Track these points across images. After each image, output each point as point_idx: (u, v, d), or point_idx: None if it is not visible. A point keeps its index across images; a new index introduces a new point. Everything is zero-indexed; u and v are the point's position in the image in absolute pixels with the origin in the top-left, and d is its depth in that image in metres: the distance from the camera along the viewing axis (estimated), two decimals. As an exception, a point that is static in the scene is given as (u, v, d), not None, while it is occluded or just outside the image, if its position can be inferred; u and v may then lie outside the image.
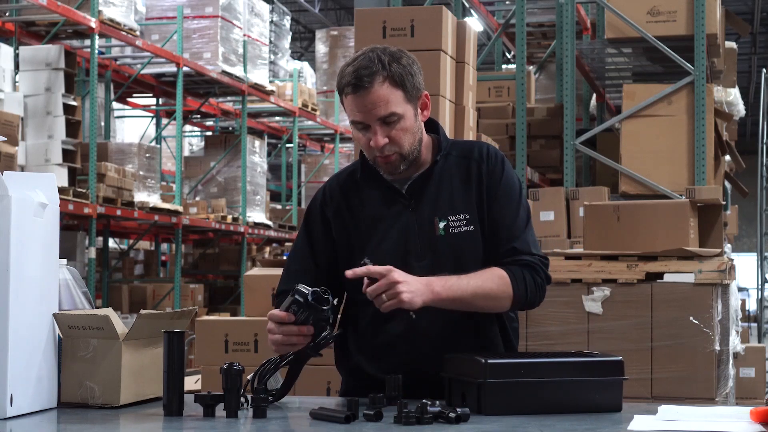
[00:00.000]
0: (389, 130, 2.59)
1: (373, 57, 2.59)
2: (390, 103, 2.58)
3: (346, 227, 2.72)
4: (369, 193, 2.72)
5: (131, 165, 11.51)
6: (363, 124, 2.61)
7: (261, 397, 2.34)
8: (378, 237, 2.68)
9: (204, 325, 4.93)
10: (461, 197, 2.69)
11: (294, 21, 22.76)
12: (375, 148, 2.60)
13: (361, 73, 2.56)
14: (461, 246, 2.66)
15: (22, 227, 2.34)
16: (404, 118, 2.60)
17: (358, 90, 2.57)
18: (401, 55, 2.62)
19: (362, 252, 2.69)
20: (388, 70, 2.57)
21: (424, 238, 2.66)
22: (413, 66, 2.63)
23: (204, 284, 14.25)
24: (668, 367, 4.74)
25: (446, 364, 2.51)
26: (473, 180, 2.70)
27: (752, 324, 17.49)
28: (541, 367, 2.41)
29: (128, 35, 11.25)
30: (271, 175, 18.43)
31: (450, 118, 5.40)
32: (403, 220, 2.68)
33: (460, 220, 2.67)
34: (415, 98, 2.63)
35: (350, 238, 2.72)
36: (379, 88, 2.57)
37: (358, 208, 2.72)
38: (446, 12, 5.33)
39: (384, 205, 2.70)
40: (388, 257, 2.64)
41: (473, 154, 2.73)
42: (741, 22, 8.79)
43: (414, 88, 2.62)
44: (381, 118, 2.58)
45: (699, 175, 6.89)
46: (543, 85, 10.40)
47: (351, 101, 2.60)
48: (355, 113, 2.61)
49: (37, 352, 2.41)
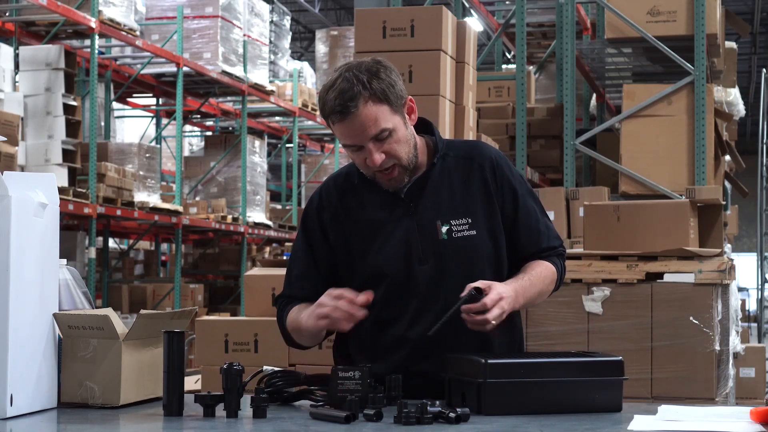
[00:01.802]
0: (383, 145, 2.58)
1: (351, 78, 2.55)
2: (379, 120, 2.56)
3: (343, 231, 2.71)
4: (367, 196, 2.70)
5: (131, 165, 11.51)
6: (356, 146, 2.59)
7: (261, 397, 2.34)
8: (379, 241, 2.67)
9: (204, 325, 4.93)
10: (463, 201, 2.68)
11: (294, 21, 22.76)
12: (373, 166, 2.59)
13: (344, 98, 2.54)
14: (465, 250, 2.66)
15: (22, 227, 2.34)
16: (395, 130, 2.59)
17: (345, 117, 2.55)
18: (378, 68, 2.59)
19: (362, 256, 2.68)
20: (369, 89, 2.55)
21: (426, 241, 2.66)
22: (391, 75, 2.60)
23: (204, 284, 14.25)
24: (668, 367, 4.74)
25: (446, 364, 2.51)
26: (475, 183, 2.70)
27: (752, 324, 17.49)
28: (541, 367, 2.41)
29: (128, 35, 11.25)
30: (271, 175, 18.43)
31: (450, 118, 5.40)
32: (404, 224, 2.67)
33: (462, 224, 2.67)
34: (401, 107, 2.62)
35: (349, 243, 2.70)
36: (365, 109, 2.54)
37: (357, 212, 2.71)
38: (446, 12, 5.33)
39: (383, 209, 2.69)
40: (391, 262, 2.64)
41: (473, 156, 2.72)
42: (741, 22, 8.79)
43: (397, 98, 2.60)
44: (373, 137, 2.57)
45: (699, 175, 6.89)
46: (543, 85, 10.40)
47: (340, 128, 2.58)
48: (346, 138, 2.59)
49: (37, 352, 2.41)
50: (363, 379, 2.37)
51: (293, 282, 2.78)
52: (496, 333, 2.63)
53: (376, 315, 2.61)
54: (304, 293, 2.74)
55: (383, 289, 2.65)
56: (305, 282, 2.74)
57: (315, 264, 2.75)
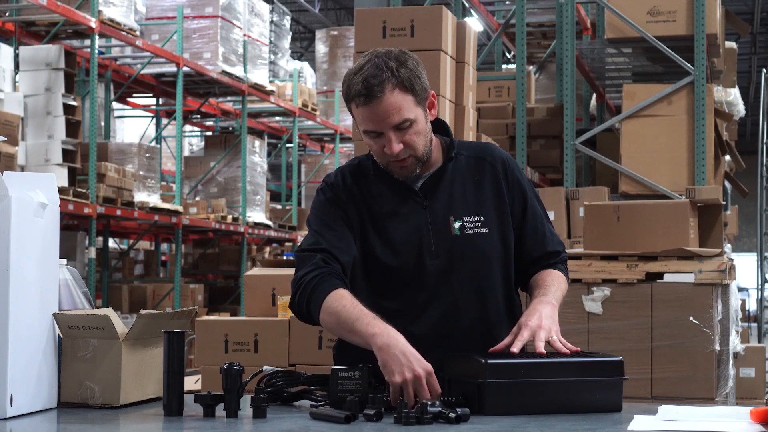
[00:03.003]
0: (403, 135, 2.58)
1: (380, 64, 2.55)
2: (402, 109, 2.56)
3: (358, 213, 2.67)
4: (381, 188, 2.69)
5: (131, 165, 11.51)
6: (376, 132, 2.58)
7: (261, 397, 2.33)
8: (390, 232, 2.66)
9: (204, 325, 4.93)
10: (475, 198, 2.69)
11: (294, 21, 22.77)
12: (390, 154, 2.59)
13: (371, 83, 2.53)
14: (476, 247, 2.66)
15: (22, 227, 2.34)
16: (416, 122, 2.59)
17: (369, 100, 2.54)
18: (406, 58, 2.60)
19: (373, 245, 2.66)
20: (397, 77, 2.55)
21: (438, 236, 2.66)
22: (419, 67, 2.62)
23: (204, 284, 14.25)
24: (668, 367, 4.74)
25: (446, 364, 2.51)
26: (487, 182, 2.71)
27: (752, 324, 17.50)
28: (541, 367, 2.41)
29: (128, 35, 11.25)
30: (271, 175, 18.44)
31: (450, 118, 5.40)
32: (417, 218, 2.67)
33: (475, 222, 2.67)
34: (424, 100, 2.62)
35: (361, 227, 2.67)
36: (390, 95, 2.54)
37: (370, 200, 2.68)
38: (446, 12, 5.33)
39: (397, 200, 2.68)
40: (401, 253, 2.64)
41: (486, 157, 2.74)
42: (741, 22, 8.78)
43: (422, 90, 2.61)
44: (395, 126, 2.56)
45: (699, 175, 6.89)
46: (543, 85, 10.40)
47: (362, 112, 2.57)
48: (367, 123, 2.58)
49: (37, 352, 2.41)
50: (363, 379, 2.37)
51: (326, 236, 2.61)
52: (501, 332, 2.63)
53: (380, 306, 2.58)
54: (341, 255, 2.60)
55: (391, 280, 2.65)
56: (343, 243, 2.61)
57: (351, 232, 2.65)
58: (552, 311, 2.59)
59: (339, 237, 2.63)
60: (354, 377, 2.37)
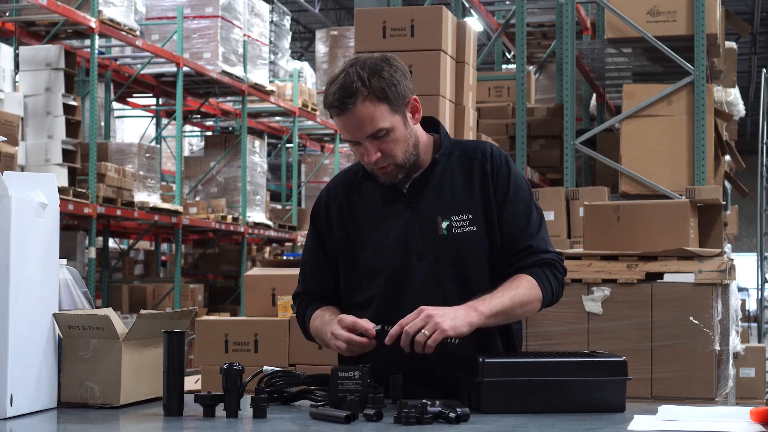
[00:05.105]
0: (380, 144, 2.59)
1: (353, 74, 2.56)
2: (375, 119, 2.57)
3: (346, 226, 2.73)
4: (371, 192, 2.73)
5: (131, 165, 11.50)
6: (353, 141, 2.63)
7: (261, 397, 2.34)
8: (379, 235, 2.69)
9: (204, 325, 4.93)
10: (464, 197, 2.69)
11: (294, 21, 22.77)
12: (368, 163, 2.61)
13: (343, 94, 2.55)
14: (464, 246, 2.66)
15: (22, 227, 2.34)
16: (393, 130, 2.60)
17: (342, 112, 2.57)
18: (382, 66, 2.59)
19: (362, 249, 2.70)
20: (368, 88, 2.55)
21: (425, 237, 2.66)
22: (395, 75, 2.60)
23: (204, 284, 14.25)
24: (668, 367, 4.74)
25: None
26: (476, 180, 2.70)
27: (752, 324, 17.50)
28: (539, 366, 2.41)
29: (128, 35, 11.25)
30: (271, 175, 18.43)
31: (450, 118, 5.40)
32: (404, 219, 2.68)
33: (463, 220, 2.67)
34: (402, 106, 2.62)
35: (350, 237, 2.73)
36: (362, 107, 2.56)
37: (360, 206, 2.73)
38: (446, 12, 5.33)
39: (385, 203, 2.71)
40: (389, 255, 2.66)
41: (476, 154, 2.73)
42: (741, 22, 8.78)
43: (399, 97, 2.59)
44: (369, 136, 2.58)
45: (699, 175, 6.89)
46: (543, 85, 10.40)
47: (338, 122, 2.62)
48: (344, 132, 2.63)
49: (37, 352, 2.41)
50: (363, 379, 2.37)
51: (307, 278, 2.83)
52: (490, 331, 2.63)
53: (374, 311, 2.62)
54: (318, 288, 2.80)
55: (381, 284, 2.67)
56: (318, 276, 2.79)
57: (326, 258, 2.78)
58: (466, 314, 2.50)
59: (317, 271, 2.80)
60: (354, 377, 2.37)
